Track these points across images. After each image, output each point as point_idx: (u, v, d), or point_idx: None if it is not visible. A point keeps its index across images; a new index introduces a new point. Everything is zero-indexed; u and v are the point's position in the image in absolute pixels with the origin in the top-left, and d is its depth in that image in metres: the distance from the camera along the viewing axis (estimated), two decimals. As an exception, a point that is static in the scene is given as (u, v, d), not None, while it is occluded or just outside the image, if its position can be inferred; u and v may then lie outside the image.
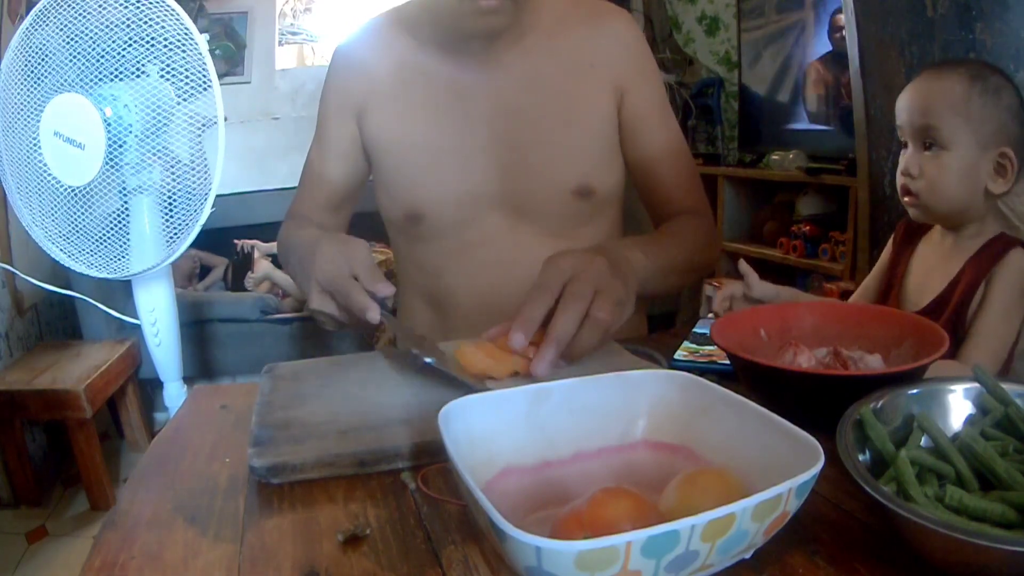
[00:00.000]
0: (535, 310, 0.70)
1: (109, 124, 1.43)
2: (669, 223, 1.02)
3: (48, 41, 1.44)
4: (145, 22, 1.38)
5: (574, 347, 0.71)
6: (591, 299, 0.71)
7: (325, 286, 0.77)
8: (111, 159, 1.46)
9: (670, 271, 0.92)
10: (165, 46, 1.39)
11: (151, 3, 1.38)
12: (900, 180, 0.97)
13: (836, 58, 2.50)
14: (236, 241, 3.29)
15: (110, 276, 1.58)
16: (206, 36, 1.42)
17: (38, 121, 1.47)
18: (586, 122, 0.98)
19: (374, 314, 0.74)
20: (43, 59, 1.45)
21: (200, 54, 1.41)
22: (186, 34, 1.40)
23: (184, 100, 1.49)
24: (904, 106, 0.97)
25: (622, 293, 0.74)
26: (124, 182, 1.51)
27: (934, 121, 0.92)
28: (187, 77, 1.43)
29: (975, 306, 0.91)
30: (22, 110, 1.49)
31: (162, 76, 1.42)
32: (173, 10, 1.39)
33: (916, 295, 0.99)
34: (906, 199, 0.98)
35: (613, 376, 0.58)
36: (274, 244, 3.28)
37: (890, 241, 1.08)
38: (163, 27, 1.39)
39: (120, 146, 1.45)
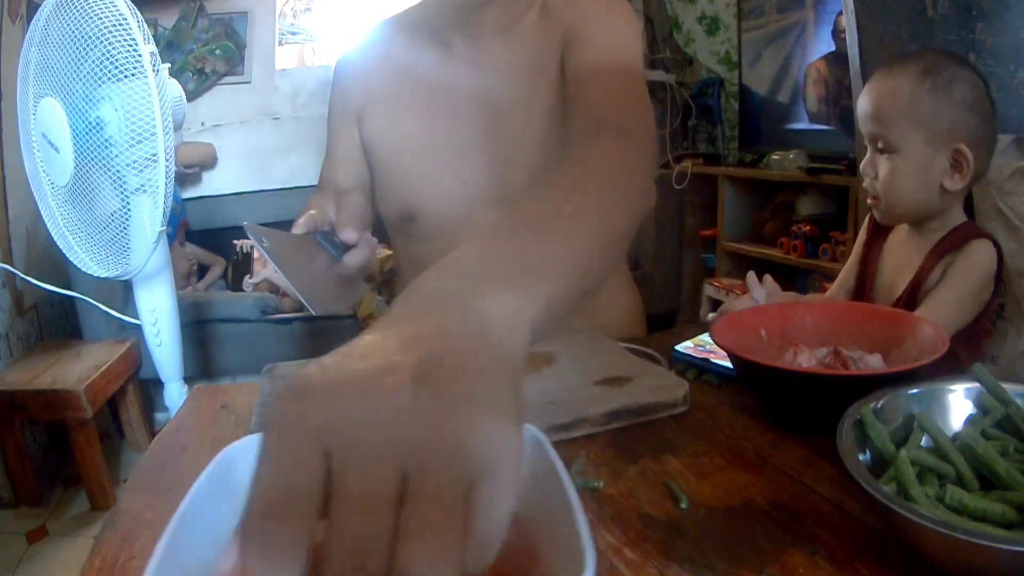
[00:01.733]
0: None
1: (90, 128, 1.43)
2: (552, 170, 0.59)
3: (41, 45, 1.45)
4: (111, 30, 1.39)
5: None
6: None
7: (307, 207, 0.80)
8: (87, 161, 1.46)
9: (588, 267, 0.47)
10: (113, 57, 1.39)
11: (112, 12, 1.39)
12: (864, 183, 0.97)
13: (836, 58, 2.50)
14: (235, 241, 3.29)
15: (109, 275, 1.58)
16: (152, 49, 1.41)
17: (33, 123, 1.49)
18: (556, 108, 0.95)
19: (298, 228, 0.76)
20: (35, 63, 1.46)
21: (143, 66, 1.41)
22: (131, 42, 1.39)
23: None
24: (860, 111, 0.95)
25: (504, 455, 0.30)
26: (124, 182, 1.51)
27: (881, 129, 0.91)
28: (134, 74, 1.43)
29: (927, 289, 0.90)
30: (26, 111, 1.51)
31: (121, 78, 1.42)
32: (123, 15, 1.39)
33: (887, 291, 0.98)
34: (870, 201, 0.98)
35: None
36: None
37: (862, 231, 1.07)
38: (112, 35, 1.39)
39: (106, 147, 1.45)
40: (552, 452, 0.38)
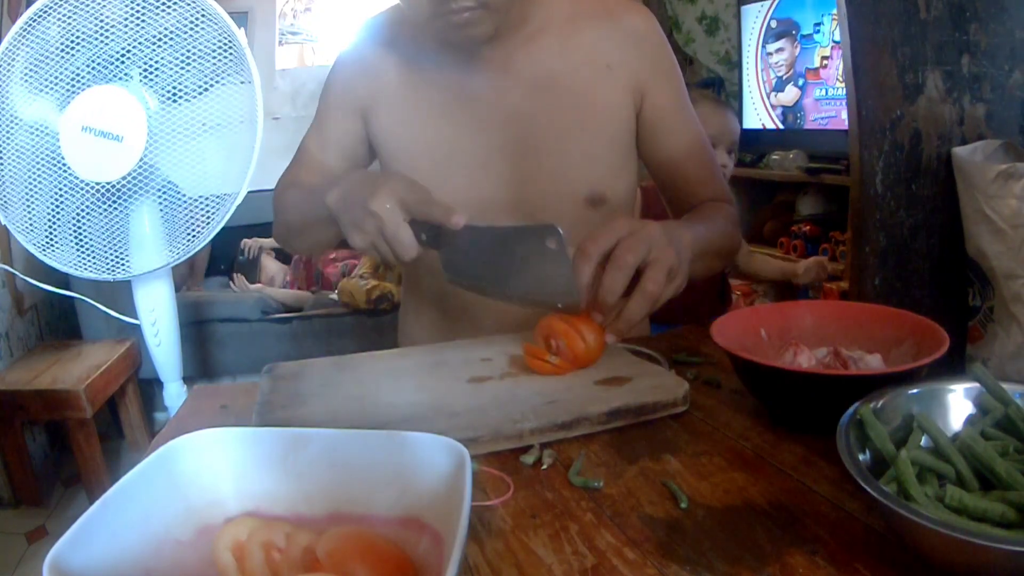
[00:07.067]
0: (581, 274, 0.70)
1: (151, 117, 1.43)
2: (700, 208, 0.99)
3: (48, 35, 1.43)
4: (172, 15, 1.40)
5: (619, 317, 0.70)
6: (641, 264, 0.70)
7: (404, 194, 0.74)
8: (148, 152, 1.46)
9: (707, 253, 0.89)
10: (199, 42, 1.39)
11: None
12: None
13: (836, 58, 2.50)
14: (245, 241, 3.29)
15: (114, 278, 1.58)
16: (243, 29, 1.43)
17: (55, 118, 1.46)
18: (601, 127, 0.95)
19: (460, 220, 0.73)
20: (46, 55, 1.44)
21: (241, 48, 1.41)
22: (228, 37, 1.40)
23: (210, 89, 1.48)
24: None
25: (674, 262, 0.72)
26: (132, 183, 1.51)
27: None
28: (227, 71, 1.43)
29: None
30: (25, 110, 1.48)
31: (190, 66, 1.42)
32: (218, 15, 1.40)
33: None
34: None
35: (384, 434, 0.50)
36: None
37: None
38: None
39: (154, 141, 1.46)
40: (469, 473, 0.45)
